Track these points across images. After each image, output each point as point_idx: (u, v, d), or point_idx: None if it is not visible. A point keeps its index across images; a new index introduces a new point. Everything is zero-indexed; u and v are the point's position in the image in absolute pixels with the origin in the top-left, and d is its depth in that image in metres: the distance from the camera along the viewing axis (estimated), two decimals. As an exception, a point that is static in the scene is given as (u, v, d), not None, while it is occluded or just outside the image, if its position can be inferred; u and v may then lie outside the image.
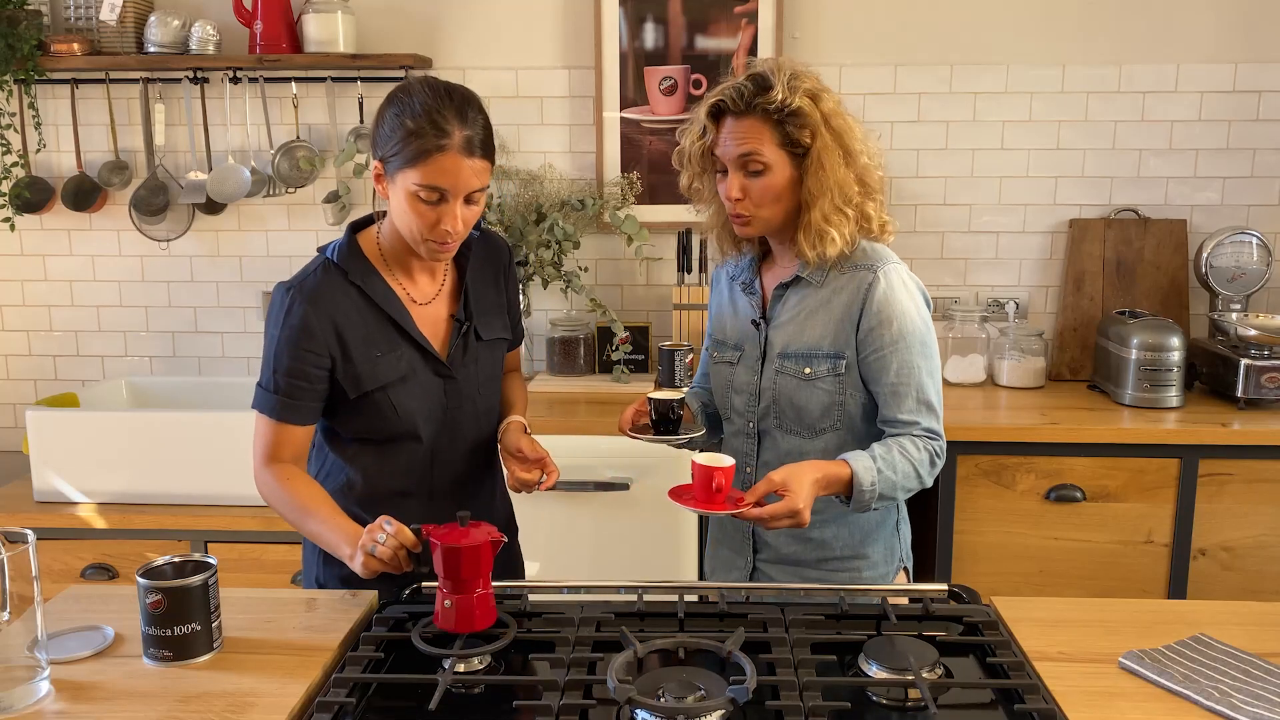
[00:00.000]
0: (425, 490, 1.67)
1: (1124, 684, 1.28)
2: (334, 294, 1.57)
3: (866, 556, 1.70)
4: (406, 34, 2.97)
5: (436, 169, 1.48)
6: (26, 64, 2.84)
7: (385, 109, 1.54)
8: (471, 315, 1.68)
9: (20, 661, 1.23)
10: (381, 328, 1.60)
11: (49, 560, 2.51)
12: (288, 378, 1.55)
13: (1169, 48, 2.90)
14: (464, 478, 1.71)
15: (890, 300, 1.60)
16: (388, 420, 1.61)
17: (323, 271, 1.59)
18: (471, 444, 1.71)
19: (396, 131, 1.49)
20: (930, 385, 1.62)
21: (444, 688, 1.25)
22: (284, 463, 1.59)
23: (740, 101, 1.58)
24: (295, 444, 1.59)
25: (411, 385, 1.61)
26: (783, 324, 1.68)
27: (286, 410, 1.56)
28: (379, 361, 1.58)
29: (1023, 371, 2.88)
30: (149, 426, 2.59)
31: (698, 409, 1.83)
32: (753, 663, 1.25)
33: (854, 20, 2.93)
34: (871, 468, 1.52)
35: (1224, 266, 2.87)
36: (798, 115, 1.57)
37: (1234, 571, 2.53)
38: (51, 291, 3.15)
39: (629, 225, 2.84)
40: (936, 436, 1.62)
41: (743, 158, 1.59)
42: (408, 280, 1.64)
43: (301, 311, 1.54)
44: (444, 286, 1.68)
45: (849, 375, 1.63)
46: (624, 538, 2.55)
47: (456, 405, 1.67)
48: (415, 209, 1.51)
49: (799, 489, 1.46)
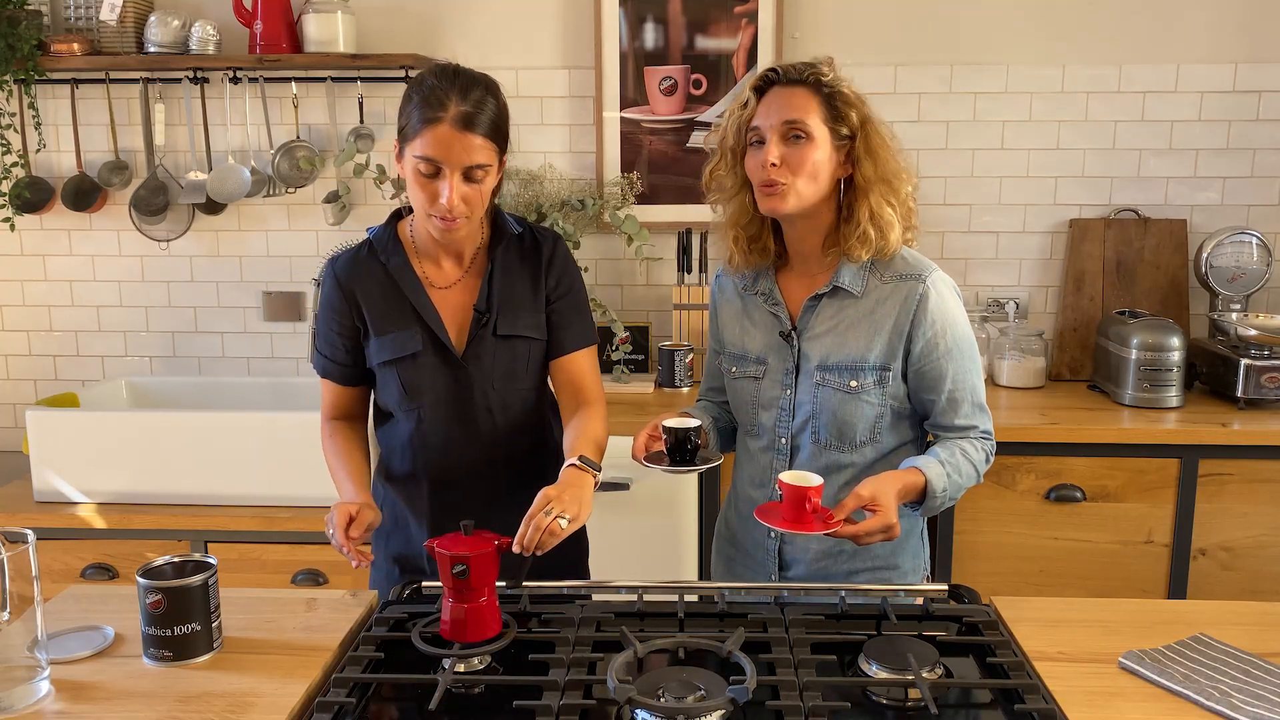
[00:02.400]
0: (439, 479, 1.71)
1: (1124, 684, 1.29)
2: (360, 269, 1.69)
3: (897, 567, 1.69)
4: (406, 34, 2.97)
5: (431, 140, 1.53)
6: (26, 64, 2.84)
7: (406, 90, 1.61)
8: (493, 308, 1.68)
9: (20, 661, 1.23)
10: (399, 305, 1.67)
11: (49, 560, 2.51)
12: (327, 344, 1.72)
13: (1169, 48, 2.90)
14: (478, 473, 1.71)
15: (943, 309, 1.60)
16: (399, 397, 1.69)
17: (358, 249, 1.73)
18: (486, 439, 1.70)
19: (407, 107, 1.58)
20: (980, 388, 1.64)
21: (444, 688, 1.25)
22: (342, 420, 1.75)
23: (792, 71, 1.58)
24: (342, 403, 1.76)
25: (421, 366, 1.67)
26: (818, 336, 1.63)
27: (325, 368, 1.74)
28: (391, 338, 1.67)
29: (1023, 371, 2.88)
30: (149, 426, 2.59)
31: (709, 425, 1.75)
32: (753, 663, 1.25)
33: (854, 20, 2.93)
34: (942, 474, 1.54)
35: (1224, 266, 2.87)
36: (843, 99, 1.56)
37: (1234, 571, 2.53)
38: (51, 291, 3.15)
39: (629, 225, 2.85)
40: (989, 436, 1.64)
41: (787, 124, 1.55)
42: (432, 265, 1.71)
43: (331, 283, 1.70)
44: (466, 278, 1.71)
45: (893, 386, 1.61)
46: (624, 538, 2.54)
47: (467, 396, 1.68)
48: (418, 182, 1.57)
49: (888, 502, 1.46)
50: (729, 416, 1.83)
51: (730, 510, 1.81)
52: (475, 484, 1.71)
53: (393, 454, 1.76)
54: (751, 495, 1.72)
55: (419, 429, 1.70)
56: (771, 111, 1.57)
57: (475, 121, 1.55)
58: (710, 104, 2.95)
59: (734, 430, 1.83)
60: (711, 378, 1.85)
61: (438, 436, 1.70)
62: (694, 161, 2.99)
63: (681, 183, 3.00)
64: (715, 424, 1.79)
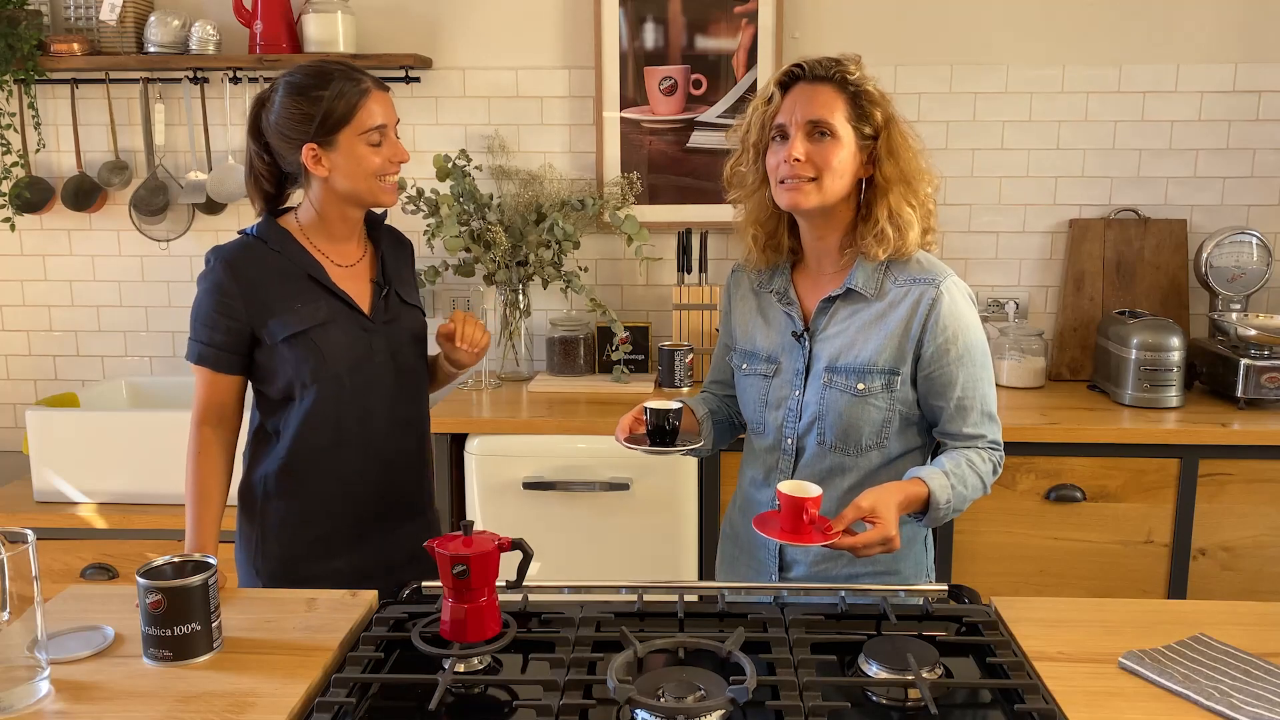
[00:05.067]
0: (357, 442, 1.77)
1: (1124, 684, 1.28)
2: (252, 258, 1.74)
3: (899, 573, 1.67)
4: (406, 34, 2.97)
5: (374, 107, 1.70)
6: (26, 64, 2.84)
7: (285, 105, 1.69)
8: (390, 280, 1.83)
9: (20, 661, 1.23)
10: (302, 283, 1.74)
11: (49, 560, 2.51)
12: (206, 327, 1.72)
13: (1169, 48, 2.90)
14: (393, 436, 1.82)
15: (956, 315, 1.58)
16: (313, 364, 1.72)
17: (242, 241, 1.77)
18: (394, 399, 1.81)
19: (314, 107, 1.67)
20: (991, 397, 1.61)
21: (444, 688, 1.25)
22: (213, 427, 1.74)
23: (818, 67, 1.57)
24: (217, 397, 1.75)
25: (333, 330, 1.74)
26: (830, 337, 1.63)
27: (201, 354, 1.73)
28: (300, 310, 1.72)
29: (1023, 371, 2.88)
30: (149, 426, 2.59)
31: (704, 415, 1.77)
32: (753, 663, 1.25)
33: (854, 20, 2.93)
34: (946, 485, 1.52)
35: (1224, 266, 2.87)
36: (869, 97, 1.56)
37: (1234, 571, 2.53)
38: (51, 291, 3.15)
39: (629, 225, 2.84)
40: (998, 447, 1.62)
41: (811, 122, 1.54)
42: (329, 248, 1.79)
43: (221, 269, 1.72)
44: (364, 258, 1.83)
45: (901, 391, 1.60)
46: (624, 538, 2.55)
47: (383, 359, 1.79)
48: (366, 155, 1.70)
49: (888, 514, 1.44)
50: (728, 410, 1.83)
51: (734, 510, 1.81)
52: (397, 443, 1.82)
53: (313, 430, 1.74)
54: (754, 496, 1.72)
55: (334, 396, 1.73)
56: (797, 108, 1.56)
57: (384, 85, 1.75)
58: (710, 104, 2.95)
59: (732, 424, 1.83)
60: (717, 371, 1.85)
61: (349, 405, 1.75)
62: (694, 161, 2.99)
63: (681, 183, 3.00)
64: (712, 416, 1.80)
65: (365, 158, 1.70)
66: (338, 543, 1.79)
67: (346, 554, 1.79)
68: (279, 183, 1.79)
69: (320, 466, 1.77)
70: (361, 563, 1.79)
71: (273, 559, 1.79)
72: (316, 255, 1.77)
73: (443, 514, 2.56)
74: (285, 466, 1.76)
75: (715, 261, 3.02)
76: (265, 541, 1.79)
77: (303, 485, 1.77)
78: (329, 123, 1.67)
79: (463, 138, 3.02)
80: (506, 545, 1.40)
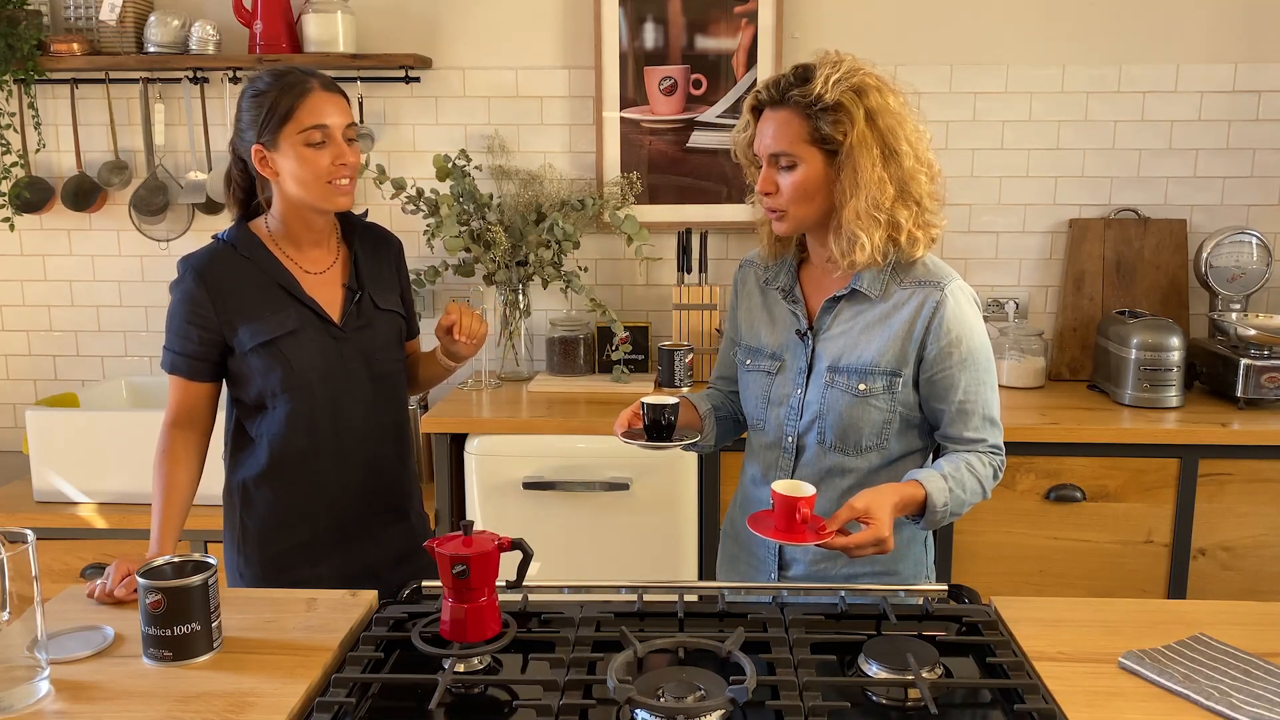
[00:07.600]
0: (333, 449, 1.77)
1: (1124, 684, 1.28)
2: (222, 266, 1.73)
3: (897, 573, 1.67)
4: (406, 34, 2.97)
5: (314, 106, 1.66)
6: (26, 64, 2.84)
7: (240, 105, 1.71)
8: (364, 285, 1.81)
9: (20, 661, 1.23)
10: (271, 292, 1.73)
11: (49, 560, 2.51)
12: (179, 337, 1.73)
13: (1169, 48, 2.90)
14: (370, 440, 1.81)
15: (960, 319, 1.58)
16: (282, 373, 1.72)
17: (212, 248, 1.76)
18: (370, 403, 1.80)
19: (261, 108, 1.66)
20: (994, 401, 1.61)
21: (444, 688, 1.25)
22: (183, 429, 1.75)
23: (775, 92, 1.55)
24: (188, 403, 1.75)
25: (302, 339, 1.73)
26: (833, 337, 1.63)
27: (173, 363, 1.73)
28: (269, 318, 1.72)
29: (1023, 371, 2.88)
30: (149, 426, 2.56)
31: (707, 410, 1.78)
32: (753, 663, 1.25)
33: (854, 20, 2.93)
34: (944, 488, 1.51)
35: (1224, 266, 2.87)
36: (834, 110, 1.51)
37: (1234, 571, 2.53)
38: (51, 291, 3.15)
39: (629, 225, 2.84)
40: (1000, 451, 1.62)
41: (773, 156, 1.55)
42: (298, 255, 1.77)
43: (191, 279, 1.71)
44: (336, 263, 1.81)
45: (902, 393, 1.59)
46: (624, 538, 2.55)
47: (355, 366, 1.78)
48: (308, 157, 1.66)
49: (882, 515, 1.43)
50: (731, 406, 1.83)
51: (735, 507, 1.81)
52: (372, 449, 1.81)
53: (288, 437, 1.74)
54: (753, 493, 1.72)
55: (306, 404, 1.73)
56: (763, 138, 1.57)
57: (337, 88, 1.71)
58: (710, 104, 2.95)
59: (735, 421, 1.83)
60: (723, 366, 1.85)
61: (322, 412, 1.74)
62: (694, 161, 2.99)
63: (681, 183, 3.00)
64: (715, 412, 1.80)
65: (309, 159, 1.66)
66: (320, 548, 1.79)
67: (329, 558, 1.79)
68: (251, 189, 1.78)
69: (298, 472, 1.76)
70: (346, 567, 1.79)
71: (255, 563, 1.79)
72: (286, 262, 1.75)
73: (443, 514, 2.57)
74: (264, 472, 1.76)
75: (715, 261, 3.02)
76: (247, 545, 1.79)
77: (282, 491, 1.77)
78: (271, 122, 1.66)
79: (463, 138, 3.02)
80: (506, 545, 1.40)
